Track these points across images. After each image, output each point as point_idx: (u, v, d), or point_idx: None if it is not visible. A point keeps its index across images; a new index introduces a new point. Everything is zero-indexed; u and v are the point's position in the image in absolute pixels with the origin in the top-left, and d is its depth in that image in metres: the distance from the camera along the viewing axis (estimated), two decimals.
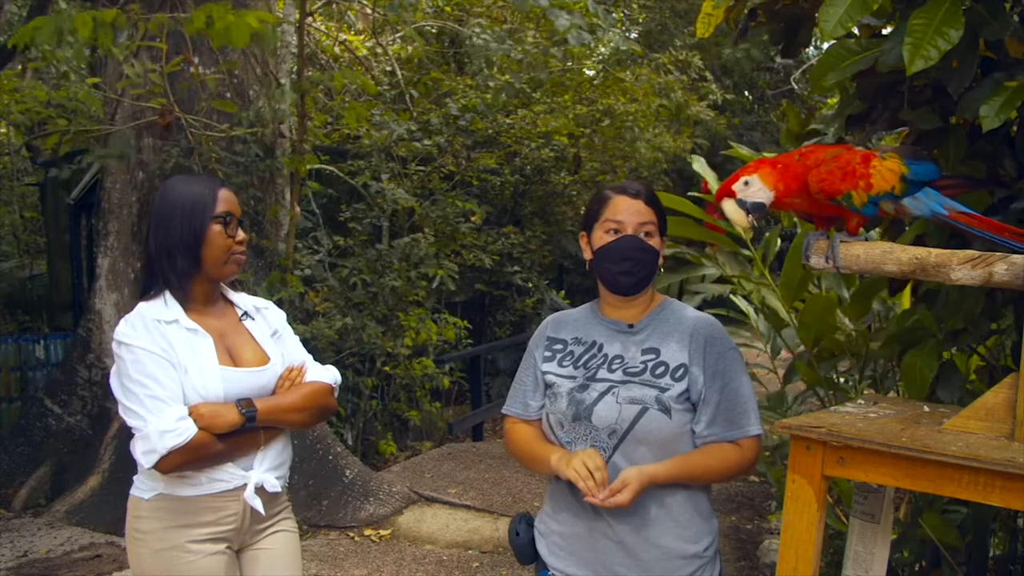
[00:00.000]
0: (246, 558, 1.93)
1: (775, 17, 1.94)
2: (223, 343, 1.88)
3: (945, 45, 1.40)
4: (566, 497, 1.76)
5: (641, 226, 1.73)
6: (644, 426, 1.66)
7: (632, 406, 1.68)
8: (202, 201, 1.84)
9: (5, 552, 4.31)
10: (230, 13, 3.26)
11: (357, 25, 8.49)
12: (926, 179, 1.44)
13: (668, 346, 1.73)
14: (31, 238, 12.52)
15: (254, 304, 2.01)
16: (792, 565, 1.30)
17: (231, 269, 1.90)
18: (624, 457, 1.68)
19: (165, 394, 1.74)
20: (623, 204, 1.74)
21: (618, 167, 9.47)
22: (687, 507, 1.71)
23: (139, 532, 1.84)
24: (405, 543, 4.61)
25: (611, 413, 1.69)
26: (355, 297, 6.36)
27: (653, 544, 1.68)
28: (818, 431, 1.27)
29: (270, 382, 1.91)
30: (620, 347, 1.76)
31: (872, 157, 1.42)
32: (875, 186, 1.39)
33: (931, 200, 1.44)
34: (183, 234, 1.82)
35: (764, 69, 12.91)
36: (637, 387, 1.69)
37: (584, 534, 1.73)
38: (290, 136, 5.42)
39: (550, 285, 9.61)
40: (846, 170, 1.40)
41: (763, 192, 1.47)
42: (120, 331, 1.80)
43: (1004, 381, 1.29)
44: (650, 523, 1.68)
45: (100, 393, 5.42)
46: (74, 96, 4.60)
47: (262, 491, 1.86)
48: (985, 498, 1.17)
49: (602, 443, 1.69)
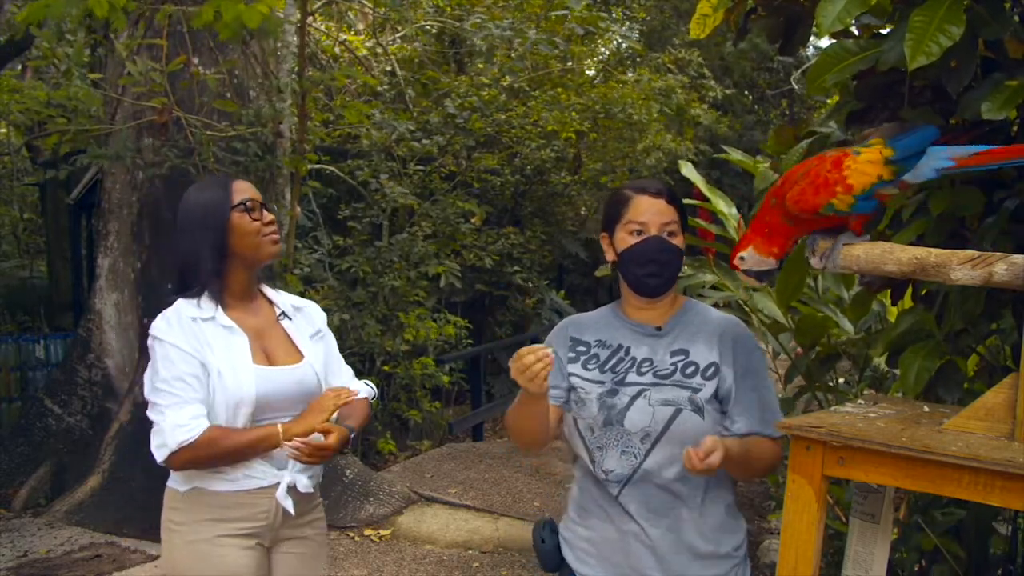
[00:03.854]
0: (276, 557, 1.94)
1: (774, 13, 1.93)
2: (259, 341, 1.89)
3: (947, 42, 1.40)
4: (595, 502, 1.73)
5: (665, 226, 1.70)
6: (678, 427, 1.64)
7: (665, 408, 1.66)
8: (216, 199, 1.86)
9: (5, 552, 4.31)
10: (239, 4, 3.27)
11: (357, 25, 8.49)
12: (920, 148, 1.38)
13: (696, 346, 1.71)
14: (31, 238, 12.53)
15: (293, 304, 2.03)
16: (792, 565, 1.30)
17: (269, 250, 1.91)
18: (655, 461, 1.66)
19: (186, 393, 1.77)
20: (645, 204, 1.70)
21: (618, 167, 9.48)
22: (719, 507, 1.70)
23: (173, 523, 1.86)
24: (405, 543, 4.61)
25: (644, 416, 1.66)
26: (355, 296, 6.36)
27: (686, 546, 1.66)
28: (818, 431, 1.27)
29: (303, 379, 1.91)
30: (648, 350, 1.73)
31: (844, 158, 1.37)
32: (856, 185, 1.35)
33: (933, 161, 1.38)
34: (206, 236, 1.84)
35: (764, 69, 12.92)
36: (669, 389, 1.67)
37: (615, 538, 1.70)
38: (290, 136, 5.42)
39: (550, 285, 9.63)
40: (817, 182, 1.36)
41: (761, 261, 1.48)
42: (155, 326, 1.82)
43: (1004, 381, 1.29)
44: (682, 525, 1.66)
45: (100, 393, 5.42)
46: (74, 96, 4.59)
47: (294, 491, 1.87)
48: (985, 498, 1.17)
49: (634, 448, 1.67)
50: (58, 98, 4.80)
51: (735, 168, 11.46)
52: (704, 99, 10.85)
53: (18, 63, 8.06)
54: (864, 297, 2.52)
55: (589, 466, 1.73)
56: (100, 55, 6.09)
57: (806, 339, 2.68)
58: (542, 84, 8.42)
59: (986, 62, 1.61)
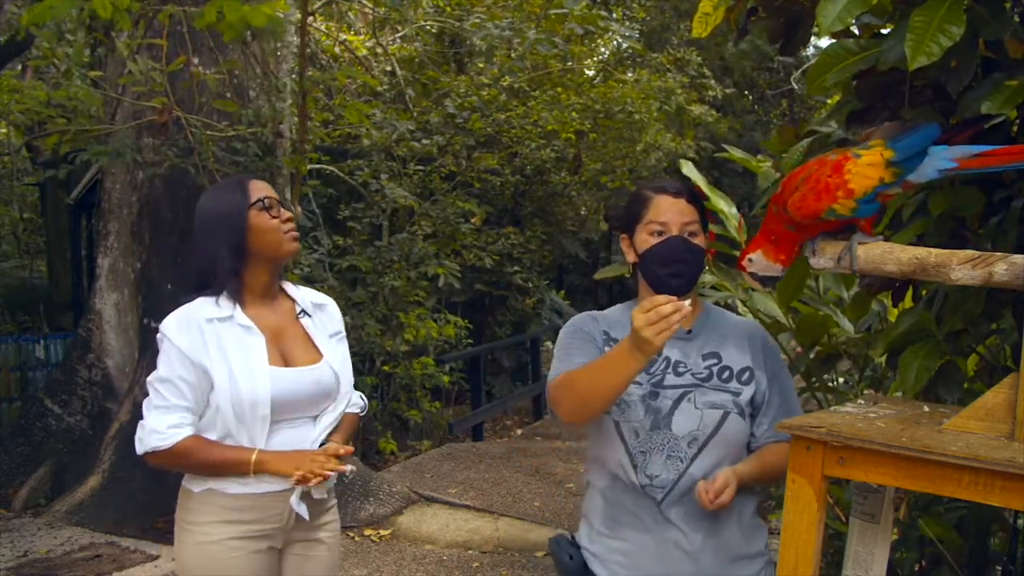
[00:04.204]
0: (287, 559, 1.94)
1: (775, 14, 1.93)
2: (276, 342, 1.89)
3: (947, 42, 1.40)
4: (628, 511, 1.69)
5: (686, 226, 1.68)
6: (726, 431, 1.63)
7: (714, 411, 1.64)
8: (234, 200, 1.87)
9: (5, 552, 4.31)
10: (244, 6, 3.28)
11: (357, 25, 8.50)
12: (922, 147, 1.36)
13: (727, 350, 1.70)
14: (31, 238, 12.54)
15: (313, 301, 2.02)
16: (792, 565, 1.30)
17: (289, 247, 1.92)
18: (701, 466, 1.63)
19: (173, 398, 1.78)
20: (666, 204, 1.69)
21: (618, 167, 9.48)
22: (748, 507, 1.71)
23: (187, 523, 1.87)
24: (405, 543, 4.61)
25: (691, 420, 1.63)
26: (355, 297, 6.37)
27: (723, 547, 1.66)
28: (818, 431, 1.27)
29: (321, 379, 1.91)
30: (680, 352, 1.70)
31: (844, 162, 1.36)
32: (857, 189, 1.34)
33: (936, 161, 1.36)
34: (225, 237, 1.84)
35: (764, 69, 12.92)
36: (712, 392, 1.66)
37: (652, 546, 1.66)
38: (290, 135, 5.42)
39: (550, 285, 9.63)
40: (818, 188, 1.35)
41: (769, 267, 1.49)
42: (166, 323, 1.83)
43: (1004, 381, 1.29)
44: (721, 526, 1.66)
45: (100, 393, 5.42)
46: (74, 96, 4.60)
47: (308, 496, 1.87)
48: (985, 498, 1.16)
49: (680, 452, 1.63)
50: (58, 98, 4.80)
51: (735, 168, 11.47)
52: (704, 99, 10.85)
53: (18, 63, 8.07)
54: (864, 297, 2.52)
55: (625, 472, 1.67)
56: (100, 55, 6.09)
57: (806, 339, 2.68)
58: (542, 84, 8.43)
59: (986, 62, 1.60)
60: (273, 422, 1.83)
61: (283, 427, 1.86)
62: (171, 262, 5.22)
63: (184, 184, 5.09)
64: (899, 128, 1.41)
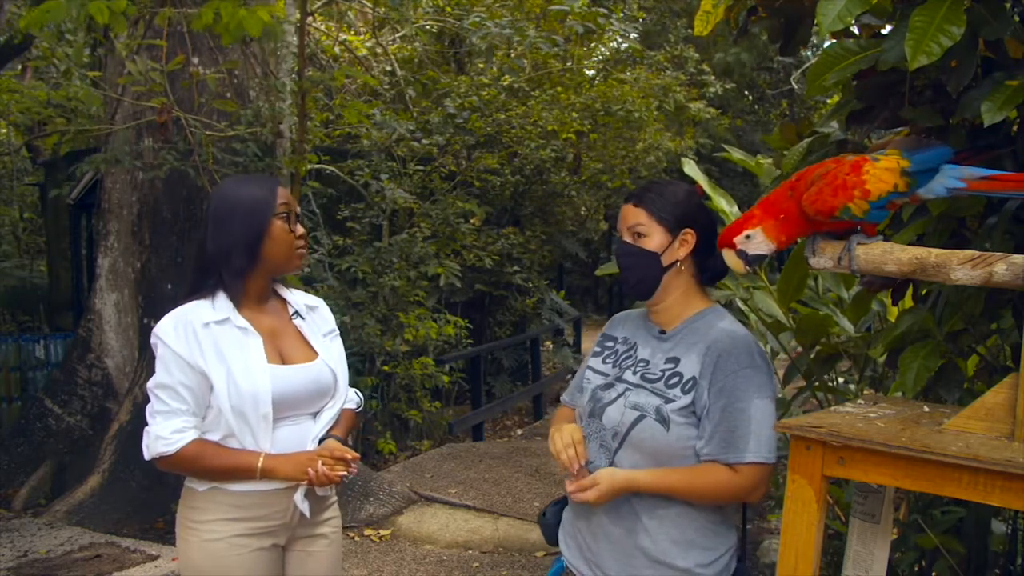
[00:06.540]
0: (291, 555, 1.95)
1: (775, 14, 1.93)
2: (273, 342, 1.90)
3: (947, 42, 1.40)
4: None
5: (629, 229, 1.73)
6: (638, 434, 1.65)
7: (632, 412, 1.67)
8: (263, 199, 1.85)
9: (5, 552, 4.31)
10: (240, 9, 3.28)
11: (357, 25, 8.50)
12: (935, 165, 1.38)
13: (689, 357, 1.69)
14: (31, 238, 12.55)
15: (306, 303, 2.04)
16: (792, 565, 1.30)
17: (296, 263, 1.93)
18: (622, 462, 1.67)
19: (175, 403, 1.79)
20: (622, 213, 1.78)
21: (617, 167, 9.48)
22: (685, 520, 1.66)
23: (191, 521, 1.87)
24: (405, 543, 4.61)
25: (616, 415, 1.69)
26: (355, 296, 6.36)
27: (643, 551, 1.66)
28: (818, 431, 1.27)
29: (319, 377, 1.92)
30: (650, 352, 1.75)
31: (864, 163, 1.36)
32: (872, 191, 1.35)
33: (946, 179, 1.38)
34: (244, 232, 1.83)
35: (764, 69, 12.92)
36: (645, 393, 1.68)
37: (584, 528, 1.75)
38: (290, 136, 5.42)
39: (550, 285, 9.62)
40: (836, 184, 1.35)
41: (765, 245, 1.44)
42: (161, 326, 1.83)
43: (1004, 381, 1.29)
44: (641, 531, 1.66)
45: (100, 393, 5.42)
46: (74, 96, 4.60)
47: (311, 493, 1.89)
48: (985, 498, 1.16)
49: (608, 444, 1.69)
50: (58, 98, 4.81)
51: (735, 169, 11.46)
52: (704, 96, 10.85)
53: (18, 63, 8.07)
54: (864, 297, 2.52)
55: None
56: (100, 55, 6.10)
57: (806, 339, 2.68)
58: (542, 84, 8.42)
59: (986, 62, 1.61)
60: (275, 420, 1.84)
61: (285, 424, 1.87)
62: (171, 262, 5.23)
63: (184, 184, 5.09)
64: (916, 143, 1.43)
